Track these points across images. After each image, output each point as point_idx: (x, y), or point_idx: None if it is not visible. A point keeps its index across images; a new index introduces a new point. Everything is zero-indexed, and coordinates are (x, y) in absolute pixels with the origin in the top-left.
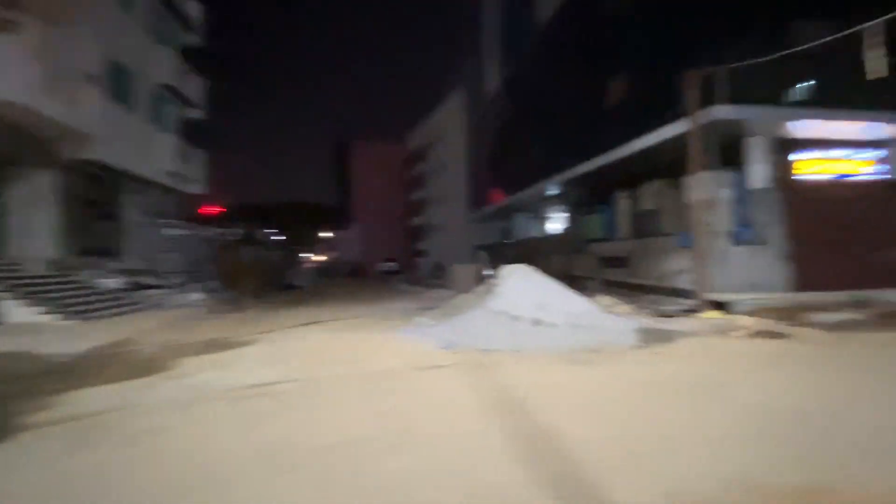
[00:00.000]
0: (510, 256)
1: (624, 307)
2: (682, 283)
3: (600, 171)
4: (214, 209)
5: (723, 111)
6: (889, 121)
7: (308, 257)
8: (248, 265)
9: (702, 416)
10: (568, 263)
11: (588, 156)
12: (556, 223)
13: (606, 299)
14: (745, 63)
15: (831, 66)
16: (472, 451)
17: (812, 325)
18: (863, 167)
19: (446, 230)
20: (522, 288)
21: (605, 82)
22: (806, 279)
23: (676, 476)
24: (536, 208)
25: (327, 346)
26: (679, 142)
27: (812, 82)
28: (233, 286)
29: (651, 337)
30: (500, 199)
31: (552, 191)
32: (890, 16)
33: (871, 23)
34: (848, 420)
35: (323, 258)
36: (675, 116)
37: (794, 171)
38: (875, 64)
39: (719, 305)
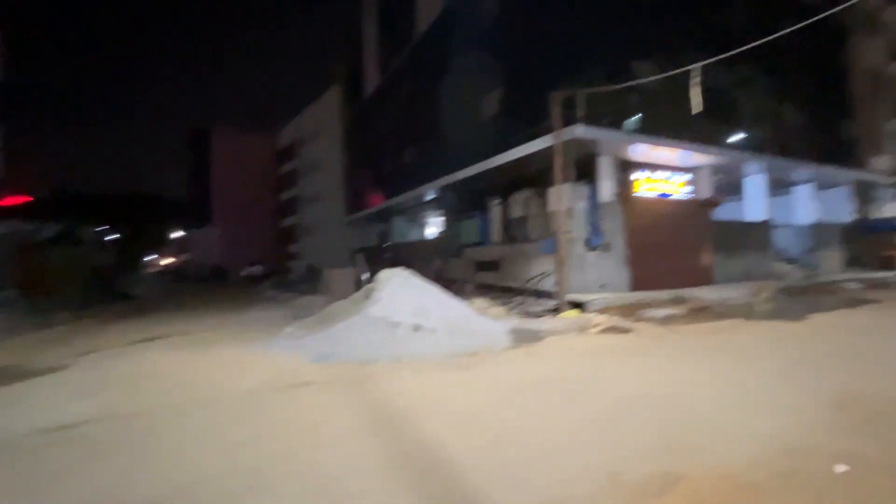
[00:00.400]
0: (388, 260)
1: (497, 309)
2: (546, 285)
3: (475, 178)
4: (15, 199)
5: (581, 131)
6: (695, 150)
7: (154, 260)
8: (64, 269)
9: (570, 412)
10: (444, 267)
11: (465, 163)
12: (433, 227)
13: (481, 302)
14: (597, 90)
15: (662, 100)
16: (349, 479)
17: (647, 319)
18: (680, 187)
19: (321, 232)
20: (402, 293)
21: (481, 94)
22: (640, 280)
23: (552, 480)
24: (415, 212)
25: (168, 368)
26: (544, 155)
27: (642, 114)
28: (40, 296)
29: (522, 337)
30: (378, 202)
31: (430, 196)
32: (708, 61)
33: (693, 65)
34: (689, 404)
35: (173, 261)
36: (541, 132)
37: (632, 188)
38: (697, 100)
39: (577, 305)
